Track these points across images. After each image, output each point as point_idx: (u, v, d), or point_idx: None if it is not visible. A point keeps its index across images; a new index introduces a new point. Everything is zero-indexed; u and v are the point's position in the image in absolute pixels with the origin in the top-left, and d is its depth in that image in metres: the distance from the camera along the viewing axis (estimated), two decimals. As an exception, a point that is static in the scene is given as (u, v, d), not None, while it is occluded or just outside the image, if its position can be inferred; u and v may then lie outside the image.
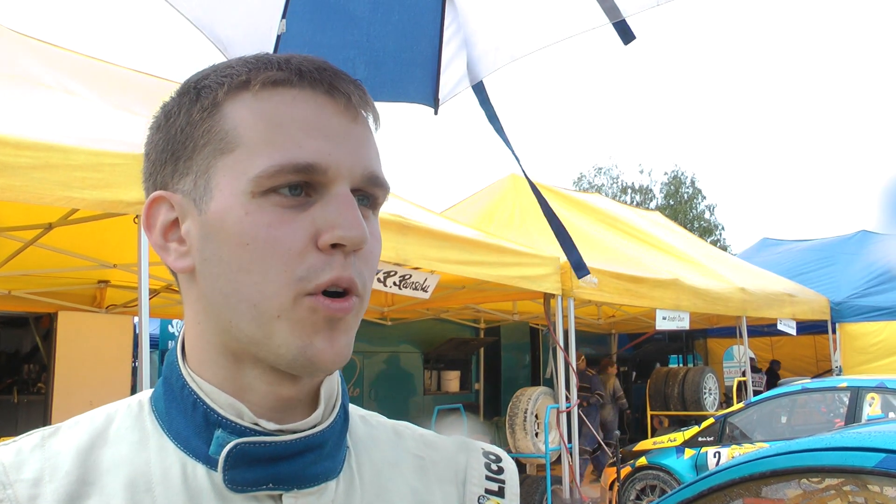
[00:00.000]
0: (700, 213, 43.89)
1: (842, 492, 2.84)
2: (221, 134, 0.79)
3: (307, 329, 0.76)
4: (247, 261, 0.76)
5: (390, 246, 5.80)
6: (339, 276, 0.76)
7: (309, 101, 0.79)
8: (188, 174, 0.80)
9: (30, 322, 9.42)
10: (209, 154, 0.79)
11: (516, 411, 8.98)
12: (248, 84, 0.80)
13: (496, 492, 0.96)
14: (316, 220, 0.77)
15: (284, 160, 0.76)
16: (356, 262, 0.78)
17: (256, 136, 0.78)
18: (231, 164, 0.78)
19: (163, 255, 0.83)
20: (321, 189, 0.78)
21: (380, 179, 0.82)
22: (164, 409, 0.83)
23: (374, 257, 0.83)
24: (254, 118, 0.78)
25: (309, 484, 0.81)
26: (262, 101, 0.79)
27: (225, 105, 0.80)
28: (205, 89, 0.81)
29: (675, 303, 10.11)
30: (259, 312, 0.76)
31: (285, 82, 0.80)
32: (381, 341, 11.64)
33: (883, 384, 8.06)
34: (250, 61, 0.82)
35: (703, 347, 18.92)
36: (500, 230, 9.94)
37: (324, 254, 0.76)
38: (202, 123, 0.80)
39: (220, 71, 0.82)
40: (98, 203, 3.86)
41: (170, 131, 0.82)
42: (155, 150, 0.84)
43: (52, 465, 0.78)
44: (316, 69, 0.81)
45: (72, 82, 5.22)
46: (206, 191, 0.79)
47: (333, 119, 0.80)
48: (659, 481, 9.00)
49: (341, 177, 0.78)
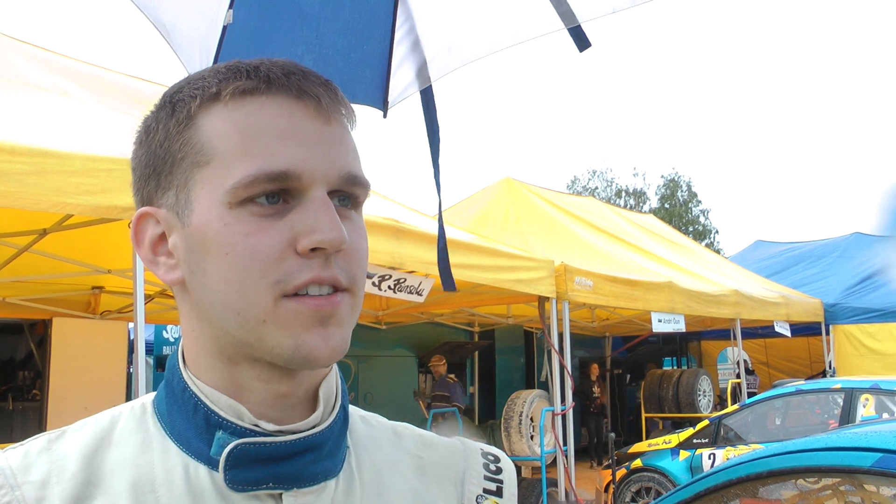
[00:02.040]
0: (694, 217, 43.97)
1: (838, 492, 2.85)
2: (197, 147, 0.80)
3: (296, 327, 0.77)
4: (227, 270, 0.77)
5: (385, 250, 5.80)
6: (319, 276, 0.77)
7: (279, 108, 0.80)
8: (170, 188, 0.82)
9: (24, 329, 9.41)
10: (187, 167, 0.80)
11: (511, 414, 8.99)
12: (219, 95, 0.80)
13: (494, 491, 0.97)
14: (294, 226, 0.77)
15: (258, 170, 0.77)
16: (339, 262, 0.79)
17: (230, 147, 0.78)
18: (208, 176, 0.79)
19: (153, 269, 0.85)
20: (298, 195, 0.79)
21: (358, 178, 0.83)
22: (166, 412, 0.84)
23: (361, 254, 0.83)
24: (226, 129, 0.79)
25: (309, 483, 0.82)
26: (233, 112, 0.80)
27: (198, 117, 0.81)
28: (179, 103, 0.82)
29: (670, 305, 10.13)
30: (244, 320, 0.78)
31: (254, 91, 0.80)
32: (375, 345, 11.64)
33: (877, 385, 8.08)
34: (221, 71, 0.82)
35: (697, 350, 18.94)
36: (494, 233, 9.95)
37: (303, 258, 0.77)
38: (178, 137, 0.81)
39: (193, 83, 0.83)
40: (93, 209, 3.86)
41: (150, 146, 0.84)
42: (139, 166, 0.85)
43: (58, 467, 0.79)
44: (284, 74, 0.81)
45: (67, 88, 5.21)
46: (186, 204, 0.80)
47: (305, 123, 0.80)
48: (654, 483, 9.01)
49: (316, 181, 0.79)
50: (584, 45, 1.94)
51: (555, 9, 1.88)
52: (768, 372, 17.85)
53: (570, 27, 1.91)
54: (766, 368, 18.12)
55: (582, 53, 1.96)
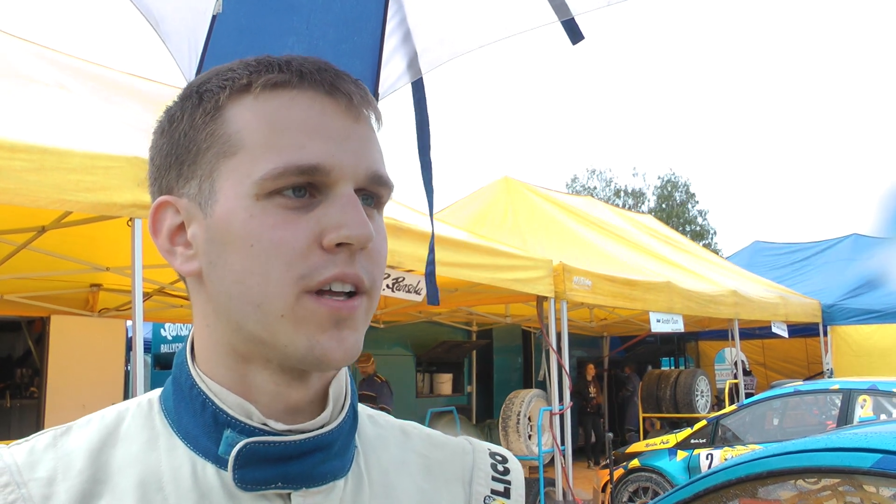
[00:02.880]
0: (692, 217, 43.99)
1: (838, 492, 2.85)
2: (224, 137, 0.79)
3: (312, 328, 0.77)
4: (251, 262, 0.77)
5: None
6: (344, 273, 0.77)
7: (310, 103, 0.80)
8: (193, 178, 0.81)
9: (22, 326, 9.40)
10: (213, 158, 0.80)
11: (510, 414, 8.98)
12: (250, 87, 0.80)
13: (502, 492, 0.97)
14: (321, 221, 0.77)
15: (287, 162, 0.76)
16: (362, 261, 0.79)
17: (259, 139, 0.78)
18: (235, 167, 0.78)
19: (170, 259, 0.84)
20: (325, 190, 0.78)
21: (384, 178, 0.83)
22: (173, 409, 0.83)
23: (382, 256, 0.83)
24: (256, 121, 0.79)
25: (317, 483, 0.81)
26: (263, 104, 0.79)
27: (227, 108, 0.80)
28: (207, 93, 0.82)
29: (668, 305, 10.13)
30: (263, 313, 0.77)
31: (286, 84, 0.80)
32: (373, 344, 11.64)
33: (875, 386, 8.08)
34: (251, 64, 0.82)
35: (694, 350, 18.95)
36: (492, 233, 9.95)
37: (328, 253, 0.77)
38: (205, 127, 0.81)
39: (221, 74, 0.82)
40: (92, 206, 3.86)
41: (174, 136, 0.83)
42: (160, 155, 0.84)
43: (64, 464, 0.78)
44: (317, 70, 0.81)
45: (67, 85, 5.20)
46: (210, 194, 0.80)
47: (335, 120, 0.80)
48: (651, 483, 9.02)
49: (345, 177, 0.79)
50: (578, 37, 1.93)
51: (548, 1, 1.87)
52: (765, 373, 17.85)
53: (564, 20, 1.90)
54: (764, 369, 18.11)
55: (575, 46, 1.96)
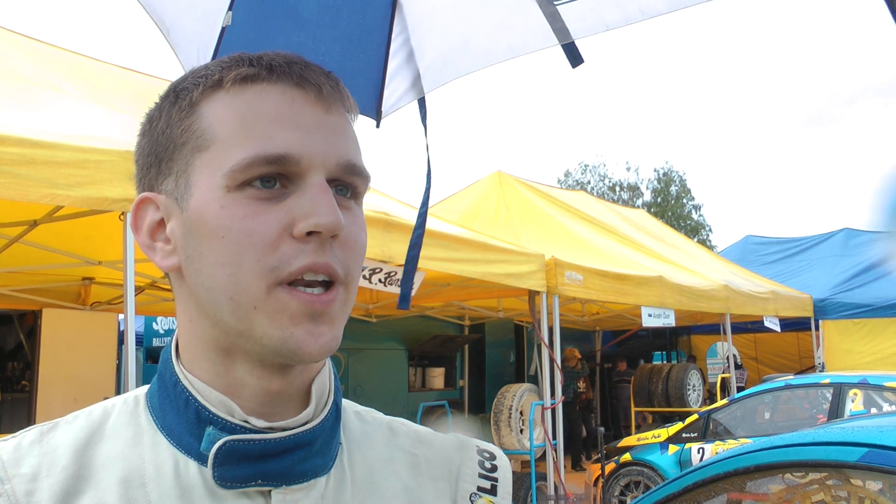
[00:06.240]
0: (687, 212, 44.00)
1: (825, 486, 2.87)
2: (199, 132, 0.81)
3: (285, 320, 0.77)
4: (223, 254, 0.78)
5: (375, 243, 5.79)
6: (315, 262, 0.77)
7: (280, 94, 0.81)
8: (170, 174, 0.82)
9: (14, 319, 9.35)
10: (188, 153, 0.81)
11: (501, 408, 8.99)
12: (222, 82, 0.82)
13: (489, 489, 0.97)
14: (291, 210, 0.78)
15: (256, 152, 0.77)
16: (335, 250, 0.79)
17: (230, 132, 0.79)
18: (208, 160, 0.80)
19: (150, 254, 0.85)
20: (296, 180, 0.79)
21: (357, 168, 0.83)
22: (158, 406, 0.84)
23: (359, 246, 0.83)
24: (227, 114, 0.80)
25: (298, 480, 0.82)
26: (234, 98, 0.81)
27: (201, 104, 0.82)
28: (182, 91, 0.84)
29: (660, 300, 10.14)
30: (236, 305, 0.78)
31: (256, 77, 0.81)
32: (365, 338, 11.62)
33: (865, 380, 8.11)
34: (224, 61, 0.84)
35: (686, 344, 18.98)
36: (485, 227, 9.95)
37: (299, 243, 0.77)
38: (180, 123, 0.82)
39: (196, 73, 0.84)
40: (83, 200, 3.85)
41: (153, 135, 0.85)
42: (142, 156, 0.86)
43: (49, 460, 0.79)
44: (286, 63, 0.82)
45: (58, 79, 5.19)
46: (186, 189, 0.81)
47: (305, 110, 0.81)
48: (643, 477, 9.05)
49: (315, 167, 0.79)
50: (577, 61, 1.97)
51: (549, 25, 1.89)
52: (757, 367, 17.91)
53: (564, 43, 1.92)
54: (756, 364, 18.17)
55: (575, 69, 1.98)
